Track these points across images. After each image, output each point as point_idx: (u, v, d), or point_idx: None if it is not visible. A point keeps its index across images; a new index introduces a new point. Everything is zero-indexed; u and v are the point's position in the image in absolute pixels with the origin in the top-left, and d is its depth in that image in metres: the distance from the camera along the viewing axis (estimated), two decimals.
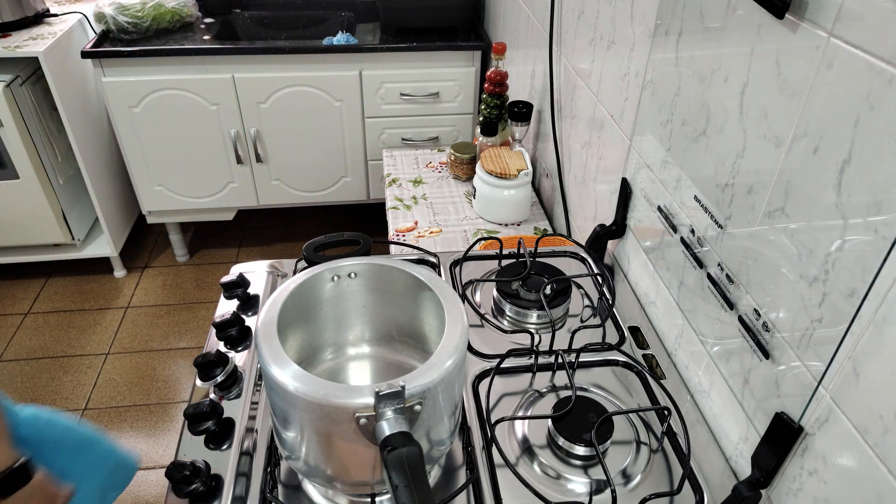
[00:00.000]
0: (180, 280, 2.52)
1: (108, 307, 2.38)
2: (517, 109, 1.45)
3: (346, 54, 2.11)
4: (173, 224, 2.52)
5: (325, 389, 0.59)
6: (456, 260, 1.12)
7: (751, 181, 0.71)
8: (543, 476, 0.77)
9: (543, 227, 1.47)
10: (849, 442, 0.58)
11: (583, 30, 1.24)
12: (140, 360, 2.18)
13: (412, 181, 1.67)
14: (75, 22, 2.19)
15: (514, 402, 0.87)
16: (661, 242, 0.95)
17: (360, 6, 2.41)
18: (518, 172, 1.39)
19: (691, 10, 0.81)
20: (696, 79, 0.81)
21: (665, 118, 0.90)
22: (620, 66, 1.07)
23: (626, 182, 1.06)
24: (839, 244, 0.58)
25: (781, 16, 0.63)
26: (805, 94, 0.61)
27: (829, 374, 0.60)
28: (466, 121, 2.32)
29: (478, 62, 2.20)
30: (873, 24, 0.53)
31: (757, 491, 0.70)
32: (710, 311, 0.81)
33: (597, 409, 0.81)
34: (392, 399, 0.58)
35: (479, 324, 1.00)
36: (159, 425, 1.97)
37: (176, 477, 0.72)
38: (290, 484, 0.77)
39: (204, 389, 0.87)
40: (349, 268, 0.77)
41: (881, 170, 0.53)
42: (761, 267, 0.70)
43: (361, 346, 0.85)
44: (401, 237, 1.43)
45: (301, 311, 0.75)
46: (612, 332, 0.99)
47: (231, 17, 2.35)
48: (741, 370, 0.76)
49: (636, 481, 0.77)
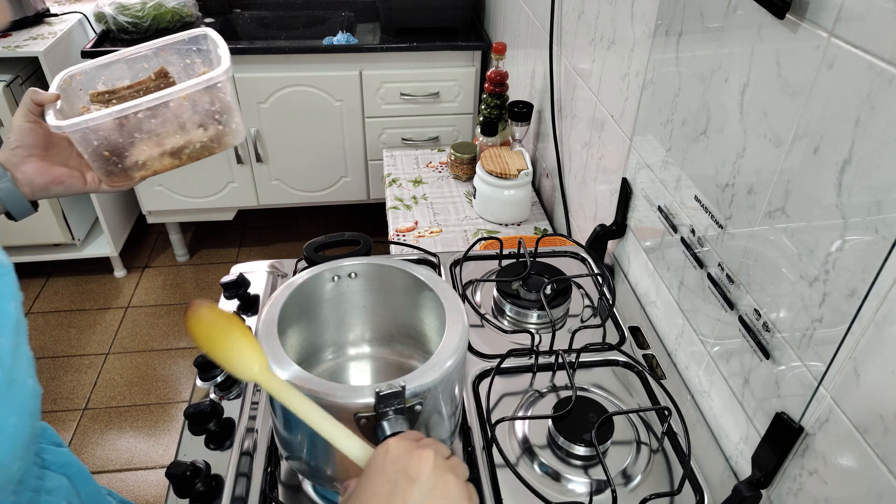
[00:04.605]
0: (180, 280, 2.52)
1: (108, 307, 2.38)
2: (517, 109, 1.45)
3: (346, 54, 2.11)
4: (173, 224, 2.52)
5: (325, 389, 0.59)
6: (456, 260, 1.12)
7: (751, 181, 0.71)
8: (543, 476, 0.77)
9: (543, 227, 1.47)
10: (849, 442, 0.58)
11: (583, 30, 1.24)
12: (140, 360, 2.18)
13: (412, 181, 1.67)
14: (75, 22, 2.19)
15: (514, 402, 0.87)
16: (662, 242, 0.95)
17: (360, 6, 2.41)
18: (518, 172, 1.39)
19: (691, 10, 0.81)
20: (697, 79, 0.81)
21: (665, 118, 0.90)
22: (621, 66, 1.07)
23: (626, 182, 1.06)
24: (839, 244, 0.58)
25: (782, 16, 0.63)
26: (805, 94, 0.61)
27: (830, 374, 0.60)
28: (466, 121, 2.32)
29: (478, 62, 2.20)
30: (874, 24, 0.53)
31: (757, 491, 0.70)
32: (711, 311, 0.81)
33: (597, 409, 0.81)
34: (392, 399, 0.58)
35: (480, 324, 1.00)
36: (159, 425, 1.97)
37: (176, 477, 0.72)
38: (290, 484, 0.77)
39: (204, 389, 0.87)
40: (349, 268, 0.77)
41: (881, 170, 0.53)
42: (762, 267, 0.70)
43: (362, 346, 0.85)
44: (401, 237, 1.43)
45: (301, 311, 0.75)
46: (613, 332, 0.99)
47: (231, 17, 2.35)
48: (741, 370, 0.76)
49: (636, 481, 0.77)
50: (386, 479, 0.47)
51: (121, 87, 0.82)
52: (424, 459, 0.47)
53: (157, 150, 0.76)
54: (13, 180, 0.71)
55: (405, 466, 0.47)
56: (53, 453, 0.68)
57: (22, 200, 0.72)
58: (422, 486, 0.46)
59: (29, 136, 0.72)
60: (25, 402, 0.53)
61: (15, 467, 0.53)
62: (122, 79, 0.83)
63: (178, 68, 0.84)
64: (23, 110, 0.72)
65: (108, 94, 0.81)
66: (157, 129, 0.75)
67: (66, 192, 0.75)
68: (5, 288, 0.52)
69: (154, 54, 0.84)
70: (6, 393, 0.50)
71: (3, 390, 0.49)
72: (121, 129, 0.73)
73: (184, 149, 0.77)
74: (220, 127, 0.78)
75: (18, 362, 0.52)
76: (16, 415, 0.51)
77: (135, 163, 0.76)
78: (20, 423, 0.51)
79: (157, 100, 0.71)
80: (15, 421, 0.51)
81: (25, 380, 0.53)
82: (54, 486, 0.65)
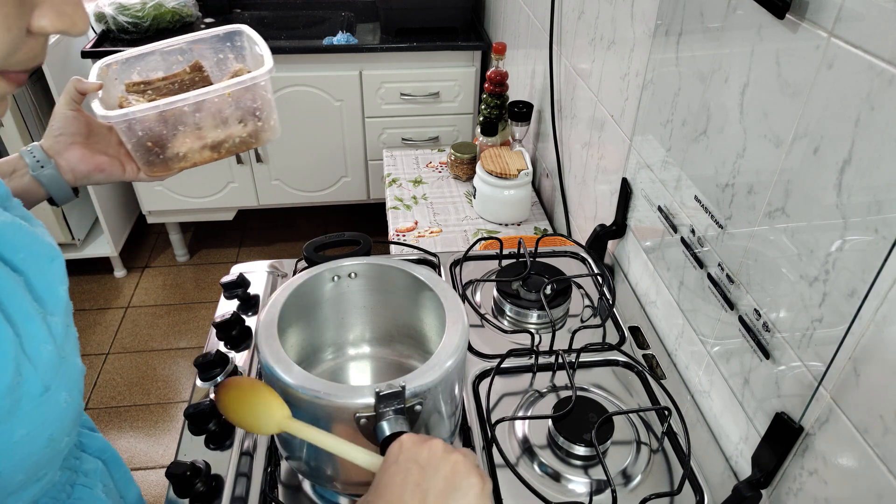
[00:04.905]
0: (180, 280, 2.52)
1: (108, 307, 2.38)
2: (517, 109, 1.45)
3: (346, 54, 2.11)
4: (173, 224, 2.52)
5: (325, 389, 0.59)
6: (456, 260, 1.12)
7: (751, 181, 0.71)
8: (543, 476, 0.77)
9: (543, 227, 1.47)
10: (849, 442, 0.58)
11: (583, 30, 1.24)
12: (140, 360, 2.18)
13: (412, 181, 1.67)
14: None
15: (514, 402, 0.87)
16: (662, 242, 0.95)
17: (360, 6, 2.41)
18: (518, 172, 1.39)
19: (691, 10, 0.81)
20: (697, 79, 0.81)
21: (665, 118, 0.90)
22: (621, 66, 1.07)
23: (626, 182, 1.06)
24: (839, 244, 0.58)
25: (782, 16, 0.63)
26: (805, 94, 0.61)
27: (830, 374, 0.60)
28: (466, 121, 2.32)
29: (478, 62, 2.20)
30: (874, 24, 0.53)
31: (757, 491, 0.70)
32: (711, 311, 0.81)
33: (597, 409, 0.81)
34: (392, 399, 0.58)
35: (480, 324, 1.00)
36: (159, 425, 1.97)
37: (176, 477, 0.72)
38: (290, 484, 0.77)
39: (204, 389, 0.87)
40: (349, 268, 0.77)
41: (881, 170, 0.53)
42: (762, 267, 0.70)
43: (362, 347, 0.85)
44: (401, 237, 1.43)
45: (301, 312, 0.75)
46: (613, 332, 0.99)
47: (231, 18, 2.35)
48: (741, 370, 0.76)
49: (636, 481, 0.77)
50: (399, 469, 0.51)
51: (155, 78, 0.84)
52: (433, 447, 0.52)
53: (198, 143, 0.78)
54: (56, 167, 0.73)
55: (415, 455, 0.51)
56: (89, 437, 0.70)
57: (65, 187, 0.74)
58: (432, 471, 0.50)
59: (72, 123, 0.74)
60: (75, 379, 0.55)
61: (63, 443, 0.54)
62: (157, 70, 0.85)
63: (211, 62, 0.86)
64: (66, 98, 0.74)
65: (144, 85, 0.82)
66: (199, 122, 0.76)
67: (107, 179, 0.77)
68: (56, 272, 0.55)
69: (188, 47, 0.85)
70: (58, 370, 0.51)
71: (56, 367, 0.51)
72: (164, 121, 0.74)
73: (223, 143, 0.79)
74: (259, 123, 0.80)
75: (69, 342, 0.54)
76: (66, 391, 0.52)
77: (175, 154, 0.77)
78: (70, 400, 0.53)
79: (206, 94, 0.73)
80: (66, 397, 0.52)
81: (74, 358, 0.55)
82: (90, 468, 0.67)
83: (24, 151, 0.72)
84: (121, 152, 0.77)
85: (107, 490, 0.68)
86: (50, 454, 0.53)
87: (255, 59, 0.82)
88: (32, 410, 0.48)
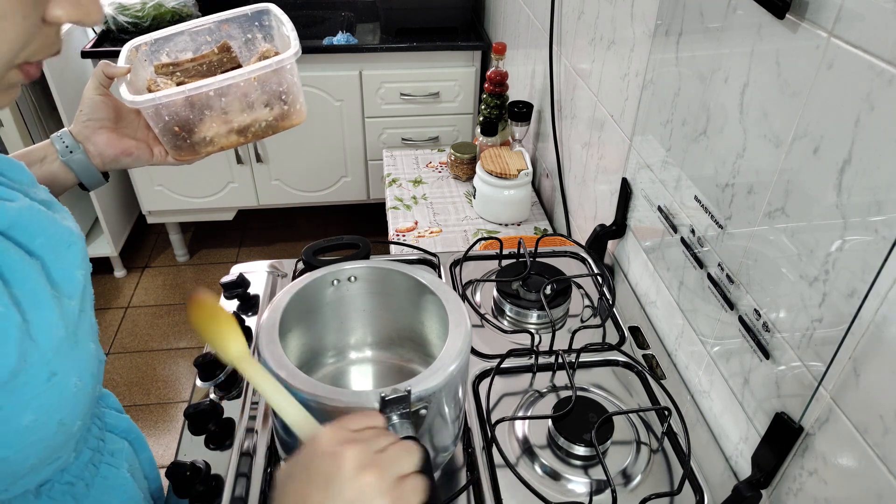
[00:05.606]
0: (180, 280, 2.52)
1: (108, 307, 2.38)
2: (517, 109, 1.45)
3: (346, 54, 2.11)
4: (173, 224, 2.52)
5: (330, 394, 0.59)
6: (456, 260, 1.12)
7: (751, 181, 0.71)
8: (543, 476, 0.77)
9: (543, 227, 1.47)
10: (849, 442, 0.58)
11: (583, 30, 1.24)
12: (140, 360, 2.18)
13: (412, 181, 1.67)
14: None
15: (514, 402, 0.87)
16: (662, 242, 0.95)
17: (360, 6, 2.41)
18: (518, 172, 1.39)
19: (691, 10, 0.81)
20: (697, 79, 0.81)
21: (665, 118, 0.90)
22: (620, 66, 1.07)
23: (626, 182, 1.06)
24: (839, 244, 0.58)
25: (782, 16, 0.63)
26: (805, 94, 0.61)
27: (830, 375, 0.60)
28: (466, 121, 2.32)
29: (478, 62, 2.20)
30: (873, 24, 0.53)
31: (757, 491, 0.70)
32: (711, 311, 0.81)
33: (597, 410, 0.81)
34: (397, 404, 0.58)
35: (480, 324, 1.00)
36: (159, 425, 1.97)
37: (176, 477, 0.72)
38: None
39: (204, 389, 0.87)
40: (349, 271, 0.76)
41: (881, 170, 0.53)
42: (761, 267, 0.70)
43: (363, 350, 0.84)
44: (401, 237, 1.43)
45: (302, 316, 0.75)
46: (613, 332, 0.99)
47: None
48: (741, 370, 0.76)
49: (636, 481, 0.77)
50: (307, 476, 0.47)
51: (184, 59, 0.84)
52: (345, 459, 0.46)
53: (225, 128, 0.78)
54: (85, 152, 0.73)
55: (324, 465, 0.46)
56: (115, 418, 0.70)
57: (94, 171, 0.75)
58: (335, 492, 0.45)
59: (101, 108, 0.74)
60: (87, 364, 0.55)
61: (75, 427, 0.54)
62: (185, 51, 0.85)
63: (240, 42, 0.86)
64: (94, 83, 0.74)
65: (173, 67, 0.82)
66: (226, 106, 0.76)
67: (135, 163, 0.77)
68: (74, 256, 0.55)
69: (217, 27, 0.85)
70: (69, 353, 0.51)
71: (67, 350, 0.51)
72: (191, 105, 0.75)
73: (250, 127, 0.79)
74: (285, 107, 0.80)
75: (82, 326, 0.54)
76: (77, 376, 0.52)
77: (203, 138, 0.77)
78: (81, 385, 0.53)
79: (231, 79, 0.73)
80: (76, 381, 0.52)
81: (88, 343, 0.55)
82: (116, 448, 0.67)
83: (54, 137, 0.73)
84: (149, 136, 0.78)
85: (132, 470, 0.68)
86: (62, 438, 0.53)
87: (282, 39, 0.82)
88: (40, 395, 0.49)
